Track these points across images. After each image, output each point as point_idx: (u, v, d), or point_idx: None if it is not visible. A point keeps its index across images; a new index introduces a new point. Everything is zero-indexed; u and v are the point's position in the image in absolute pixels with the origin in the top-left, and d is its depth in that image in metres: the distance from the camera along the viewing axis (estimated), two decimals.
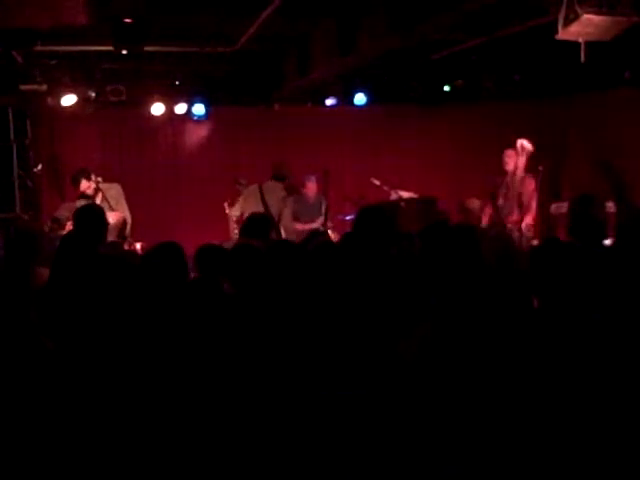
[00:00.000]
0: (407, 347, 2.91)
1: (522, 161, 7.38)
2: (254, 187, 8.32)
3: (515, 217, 7.29)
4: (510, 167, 7.48)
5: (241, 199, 8.33)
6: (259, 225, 5.50)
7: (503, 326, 2.87)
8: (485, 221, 7.28)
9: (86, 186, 7.23)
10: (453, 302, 2.97)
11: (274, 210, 8.16)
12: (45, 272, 4.19)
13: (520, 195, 7.33)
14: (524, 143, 7.37)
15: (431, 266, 3.29)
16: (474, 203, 7.03)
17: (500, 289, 3.23)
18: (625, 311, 3.09)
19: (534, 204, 7.37)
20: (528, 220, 7.22)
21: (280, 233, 8.09)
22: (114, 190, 7.34)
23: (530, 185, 7.40)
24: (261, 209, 7.86)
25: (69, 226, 6.55)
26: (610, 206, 6.50)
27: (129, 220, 7.20)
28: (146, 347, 3.09)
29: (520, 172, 7.41)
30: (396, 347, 2.96)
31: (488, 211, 7.37)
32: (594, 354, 2.72)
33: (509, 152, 7.53)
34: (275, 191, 8.37)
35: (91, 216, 4.26)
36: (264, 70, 9.17)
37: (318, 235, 5.76)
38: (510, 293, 3.21)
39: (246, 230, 5.44)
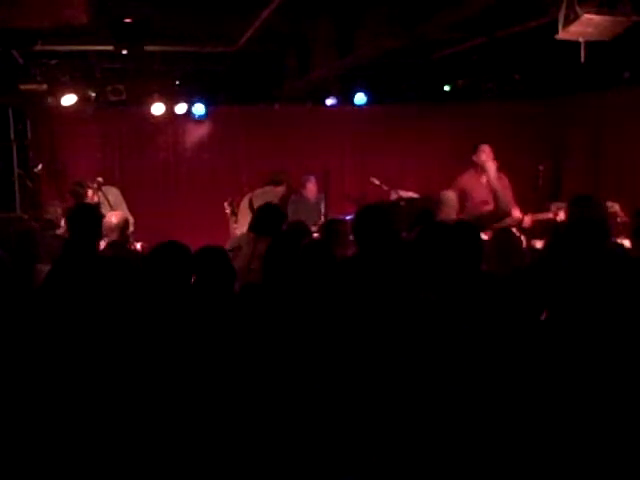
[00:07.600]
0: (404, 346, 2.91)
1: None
2: (245, 199, 8.41)
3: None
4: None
5: (238, 214, 8.39)
6: (270, 220, 5.49)
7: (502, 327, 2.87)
8: (460, 215, 7.06)
9: (91, 195, 7.31)
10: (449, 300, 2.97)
11: None
12: (42, 268, 4.19)
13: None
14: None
15: (425, 263, 3.28)
16: (449, 195, 6.80)
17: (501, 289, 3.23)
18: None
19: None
20: (525, 217, 6.95)
21: None
22: (112, 194, 7.39)
23: (505, 181, 7.18)
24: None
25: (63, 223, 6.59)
26: (610, 206, 6.49)
27: (131, 221, 7.24)
28: (148, 347, 3.09)
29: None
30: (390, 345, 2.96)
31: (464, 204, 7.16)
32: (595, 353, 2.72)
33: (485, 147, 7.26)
34: (267, 194, 8.43)
35: (84, 216, 4.26)
36: (264, 70, 9.17)
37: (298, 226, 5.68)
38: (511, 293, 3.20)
39: (257, 226, 5.44)
